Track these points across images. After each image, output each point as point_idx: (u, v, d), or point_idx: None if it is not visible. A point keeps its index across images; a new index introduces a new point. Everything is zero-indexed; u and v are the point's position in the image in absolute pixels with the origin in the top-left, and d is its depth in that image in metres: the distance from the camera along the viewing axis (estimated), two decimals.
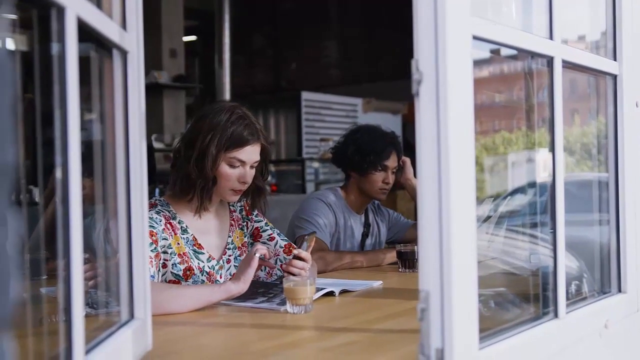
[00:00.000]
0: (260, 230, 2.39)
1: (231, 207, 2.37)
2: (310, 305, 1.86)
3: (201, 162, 2.12)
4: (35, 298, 1.50)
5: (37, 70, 1.05)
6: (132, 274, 1.36)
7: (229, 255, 2.29)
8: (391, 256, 2.83)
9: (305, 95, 8.22)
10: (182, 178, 2.16)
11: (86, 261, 1.08)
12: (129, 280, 1.36)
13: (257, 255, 1.97)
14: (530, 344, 1.42)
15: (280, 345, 1.56)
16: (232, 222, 2.34)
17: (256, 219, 2.40)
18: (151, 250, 2.00)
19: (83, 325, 1.01)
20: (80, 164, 1.02)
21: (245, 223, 2.38)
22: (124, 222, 1.36)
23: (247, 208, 2.39)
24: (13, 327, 0.59)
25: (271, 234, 2.38)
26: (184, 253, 2.14)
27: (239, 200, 2.35)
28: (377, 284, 2.34)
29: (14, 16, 0.91)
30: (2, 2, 0.60)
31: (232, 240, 2.31)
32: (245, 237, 2.36)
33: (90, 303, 1.40)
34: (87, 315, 1.07)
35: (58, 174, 1.00)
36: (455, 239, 1.16)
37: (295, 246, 2.31)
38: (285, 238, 2.40)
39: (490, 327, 1.34)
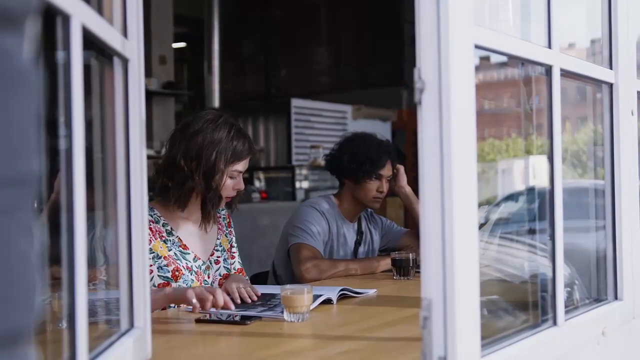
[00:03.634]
0: (232, 245, 2.48)
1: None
2: (307, 313, 1.85)
3: (210, 178, 2.21)
4: None
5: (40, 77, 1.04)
6: (132, 282, 1.35)
7: (218, 257, 2.37)
8: (385, 264, 2.83)
9: (295, 102, 8.21)
10: (186, 192, 2.22)
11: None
12: (128, 289, 1.35)
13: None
14: (530, 351, 1.42)
15: (279, 354, 1.55)
16: (220, 226, 2.43)
17: (232, 232, 2.50)
18: None
19: (87, 335, 1.01)
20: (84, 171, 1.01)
21: (227, 232, 2.47)
22: (124, 230, 1.35)
23: (228, 220, 2.49)
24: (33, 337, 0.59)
25: (234, 252, 2.48)
26: (169, 255, 2.20)
27: (223, 208, 2.46)
28: (372, 292, 2.34)
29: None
30: (30, 12, 0.60)
31: (220, 243, 2.39)
32: (228, 243, 2.44)
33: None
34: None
35: (62, 180, 0.99)
36: (458, 247, 1.16)
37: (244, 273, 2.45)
38: (241, 261, 2.48)
39: (489, 335, 1.35)
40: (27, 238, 0.57)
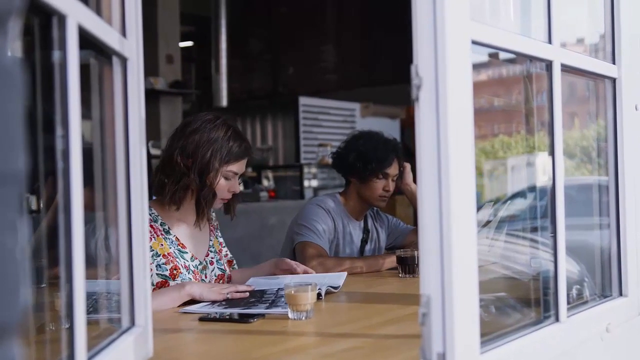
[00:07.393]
0: (222, 246, 2.52)
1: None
2: (311, 311, 1.85)
3: (204, 175, 2.25)
4: (35, 306, 1.49)
5: (37, 77, 1.05)
6: (132, 281, 1.36)
7: (212, 258, 2.41)
8: (390, 261, 2.82)
9: (303, 100, 8.22)
10: (181, 189, 2.26)
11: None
12: (129, 288, 1.36)
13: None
14: (531, 348, 1.42)
15: (282, 351, 1.55)
16: (212, 228, 2.47)
17: (220, 233, 2.54)
18: None
19: (85, 333, 1.01)
20: (82, 171, 1.01)
21: (217, 234, 2.51)
22: (125, 229, 1.35)
23: (217, 222, 2.53)
24: (20, 333, 0.59)
25: (226, 250, 2.51)
26: (168, 253, 2.24)
27: (213, 211, 2.49)
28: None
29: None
30: (14, 12, 0.61)
31: (212, 244, 2.44)
32: (219, 245, 2.49)
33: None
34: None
35: (59, 181, 1.00)
36: (456, 243, 1.16)
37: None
38: (222, 267, 2.47)
39: (491, 332, 1.34)
40: (11, 234, 0.57)
